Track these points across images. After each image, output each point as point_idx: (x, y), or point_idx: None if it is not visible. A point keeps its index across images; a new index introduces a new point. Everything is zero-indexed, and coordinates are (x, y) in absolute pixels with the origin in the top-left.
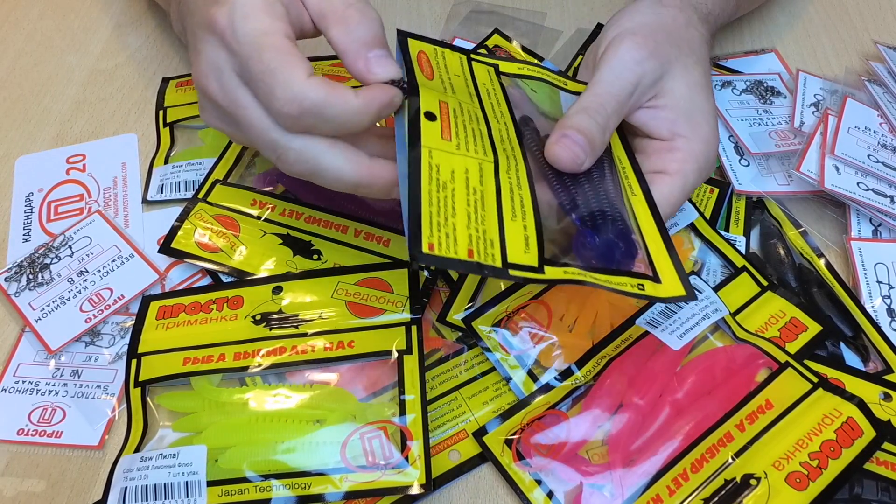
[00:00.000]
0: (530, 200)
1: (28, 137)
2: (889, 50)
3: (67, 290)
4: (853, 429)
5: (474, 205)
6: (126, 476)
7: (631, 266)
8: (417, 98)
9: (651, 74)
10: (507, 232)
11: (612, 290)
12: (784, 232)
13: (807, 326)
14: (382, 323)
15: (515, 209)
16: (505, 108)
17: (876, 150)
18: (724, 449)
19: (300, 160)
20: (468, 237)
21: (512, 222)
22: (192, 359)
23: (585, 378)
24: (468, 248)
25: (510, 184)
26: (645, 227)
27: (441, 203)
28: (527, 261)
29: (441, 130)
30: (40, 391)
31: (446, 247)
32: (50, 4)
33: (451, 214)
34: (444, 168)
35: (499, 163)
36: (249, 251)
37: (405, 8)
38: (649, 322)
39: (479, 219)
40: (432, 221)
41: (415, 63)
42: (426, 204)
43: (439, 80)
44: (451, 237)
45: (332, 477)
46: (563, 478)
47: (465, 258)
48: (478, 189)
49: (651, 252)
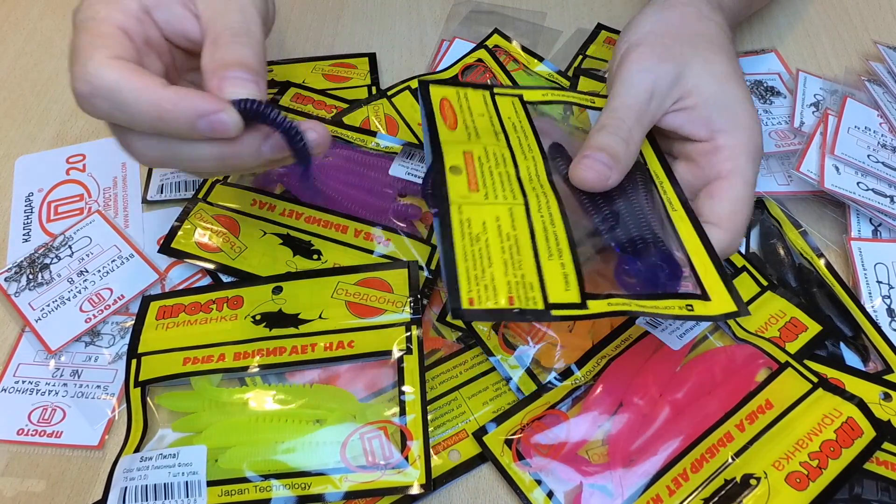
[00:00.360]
0: (565, 236)
1: (28, 137)
2: (889, 50)
3: (67, 290)
4: (853, 429)
5: (509, 251)
6: (126, 476)
7: (678, 287)
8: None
9: (665, 78)
10: (546, 272)
11: (661, 315)
12: (784, 232)
13: (807, 326)
14: (382, 323)
15: (551, 248)
16: (533, 141)
17: (876, 150)
18: (724, 449)
19: (138, 151)
20: (507, 284)
21: (549, 262)
22: (192, 359)
23: (585, 378)
24: (508, 295)
25: (543, 223)
26: (689, 244)
27: (476, 256)
28: (569, 298)
29: (468, 183)
30: (40, 391)
31: (486, 299)
32: (50, 4)
33: (487, 265)
34: (476, 220)
35: (529, 204)
36: (249, 251)
37: (405, 8)
38: (649, 322)
39: (515, 264)
40: (469, 276)
41: (437, 114)
42: (461, 260)
43: (463, 127)
44: (489, 288)
45: (332, 477)
46: (563, 478)
47: (506, 307)
48: (511, 235)
49: (697, 269)
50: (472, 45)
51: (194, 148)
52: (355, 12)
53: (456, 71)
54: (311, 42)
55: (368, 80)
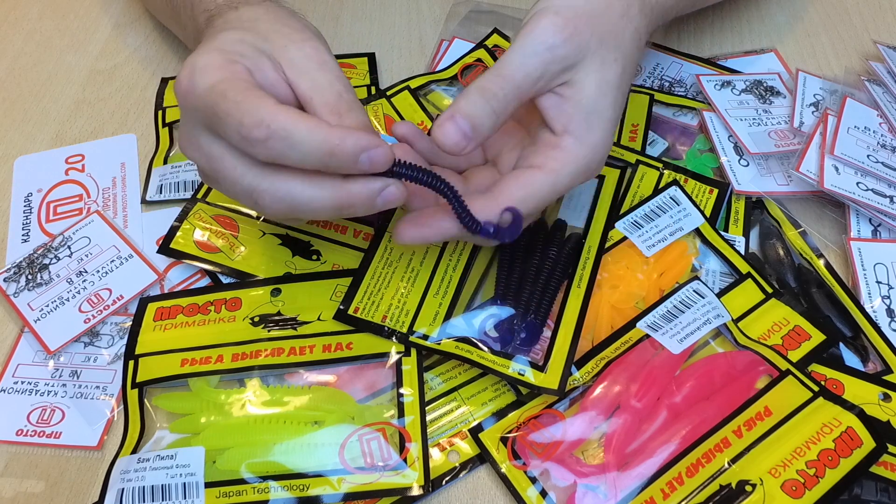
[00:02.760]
0: (457, 282)
1: (27, 137)
2: (889, 50)
3: (66, 290)
4: (852, 438)
5: (406, 281)
6: (123, 477)
7: (527, 353)
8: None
9: (562, 61)
10: (424, 306)
11: (493, 371)
12: (783, 232)
13: (810, 335)
14: None
15: (441, 289)
16: None
17: (875, 150)
18: (721, 454)
19: (275, 198)
20: (388, 306)
21: (433, 298)
22: (190, 360)
23: (584, 379)
24: (383, 315)
25: (447, 266)
26: (566, 319)
27: (380, 277)
28: (429, 332)
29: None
30: (39, 392)
31: (368, 312)
32: (49, 4)
33: (384, 287)
34: (397, 250)
35: (446, 246)
36: (248, 251)
37: (405, 8)
38: (650, 325)
39: (404, 293)
40: (366, 291)
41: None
42: (369, 276)
43: None
44: (374, 304)
45: (331, 478)
46: (558, 477)
47: (379, 322)
48: (416, 269)
49: (556, 343)
50: (472, 44)
51: (314, 199)
52: (355, 12)
53: (455, 71)
54: None
55: (368, 80)
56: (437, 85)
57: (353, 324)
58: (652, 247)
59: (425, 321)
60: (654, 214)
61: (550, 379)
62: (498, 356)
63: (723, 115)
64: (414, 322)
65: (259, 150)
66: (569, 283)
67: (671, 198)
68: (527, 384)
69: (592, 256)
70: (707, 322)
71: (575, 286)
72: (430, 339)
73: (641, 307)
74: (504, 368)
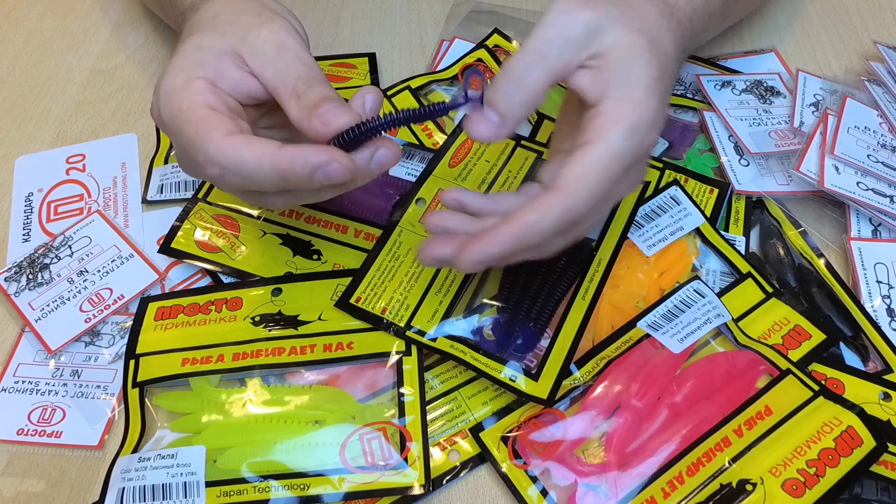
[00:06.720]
0: (459, 282)
1: (28, 137)
2: (889, 50)
3: (67, 290)
4: (853, 438)
5: (410, 276)
6: (124, 476)
7: (522, 360)
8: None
9: (582, 26)
10: (425, 303)
11: (483, 374)
12: (784, 232)
13: (810, 335)
14: None
15: (443, 287)
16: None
17: (875, 149)
18: (721, 453)
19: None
20: (389, 299)
21: (434, 296)
22: (191, 359)
23: (584, 378)
24: (383, 307)
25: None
26: (567, 329)
27: (385, 270)
28: (426, 328)
29: (423, 215)
30: (40, 391)
31: (369, 302)
32: (50, 5)
33: (388, 280)
34: (405, 245)
35: None
36: (249, 251)
37: (405, 8)
38: (651, 325)
39: (407, 288)
40: (370, 282)
41: (452, 149)
42: (374, 268)
43: (462, 167)
44: (377, 296)
45: (332, 478)
46: (558, 476)
47: (378, 314)
48: (421, 265)
49: (553, 352)
50: (472, 44)
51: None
52: (355, 12)
53: (455, 71)
54: (311, 42)
55: (368, 81)
56: (437, 85)
57: (352, 313)
58: (652, 246)
59: (424, 318)
60: (655, 214)
61: (541, 388)
62: (491, 359)
63: (723, 115)
64: (413, 317)
65: (221, 185)
66: (574, 293)
67: (671, 197)
68: (516, 391)
69: (602, 269)
70: (707, 321)
71: (579, 298)
72: (427, 336)
73: (642, 307)
74: (496, 372)
